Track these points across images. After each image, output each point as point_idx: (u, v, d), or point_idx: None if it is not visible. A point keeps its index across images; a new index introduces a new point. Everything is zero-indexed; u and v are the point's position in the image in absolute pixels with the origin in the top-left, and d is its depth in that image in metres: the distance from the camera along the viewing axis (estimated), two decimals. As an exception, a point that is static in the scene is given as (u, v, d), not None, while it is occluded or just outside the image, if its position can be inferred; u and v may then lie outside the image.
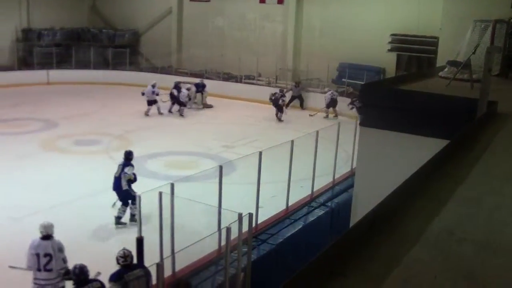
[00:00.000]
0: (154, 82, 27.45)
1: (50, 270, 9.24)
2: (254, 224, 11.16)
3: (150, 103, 27.00)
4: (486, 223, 4.58)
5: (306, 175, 15.02)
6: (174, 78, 31.63)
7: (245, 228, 9.23)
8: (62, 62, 36.22)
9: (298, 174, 14.42)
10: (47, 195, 14.92)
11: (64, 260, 9.34)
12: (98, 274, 8.81)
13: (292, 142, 13.53)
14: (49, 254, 9.21)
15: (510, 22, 14.92)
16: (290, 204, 14.02)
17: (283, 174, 13.96)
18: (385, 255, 3.75)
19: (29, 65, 35.63)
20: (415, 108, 10.96)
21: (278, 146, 13.96)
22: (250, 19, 35.84)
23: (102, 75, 35.46)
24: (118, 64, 37.06)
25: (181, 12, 38.51)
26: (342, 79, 31.09)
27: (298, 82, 31.07)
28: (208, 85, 30.64)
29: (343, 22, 31.68)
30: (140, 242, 9.69)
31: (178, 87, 28.13)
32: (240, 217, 8.99)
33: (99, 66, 37.01)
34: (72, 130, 22.87)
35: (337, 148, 15.98)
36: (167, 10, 38.88)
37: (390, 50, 30.44)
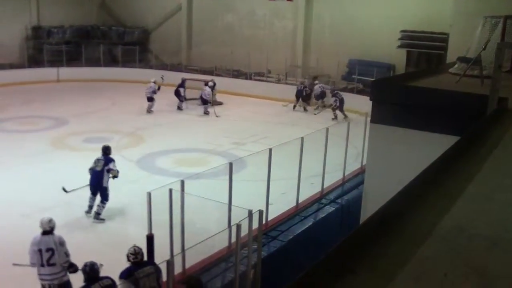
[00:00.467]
0: (154, 79, 27.64)
1: (53, 265, 9.30)
2: (264, 221, 11.15)
3: (149, 100, 27.20)
4: (497, 220, 4.56)
5: (316, 172, 15.00)
6: (184, 75, 31.69)
7: (255, 225, 9.21)
8: (71, 60, 36.39)
9: (308, 171, 14.40)
10: (57, 193, 14.94)
11: (66, 253, 9.40)
12: (101, 266, 8.84)
13: (302, 139, 13.52)
14: (51, 249, 9.27)
15: (521, 18, 14.85)
16: (300, 201, 14.01)
17: (293, 171, 13.95)
18: (395, 252, 3.74)
19: (39, 62, 35.72)
20: (425, 104, 10.94)
21: (288, 143, 13.95)
22: (260, 16, 35.80)
23: (111, 73, 35.54)
24: (127, 61, 37.11)
25: (190, 9, 38.50)
26: (352, 76, 30.98)
27: (315, 77, 30.97)
28: (217, 82, 30.69)
29: (353, 19, 31.60)
30: (150, 239, 9.71)
31: (183, 85, 28.46)
32: (250, 214, 8.97)
33: (109, 63, 37.18)
34: (82, 127, 22.92)
35: (347, 145, 15.96)
36: (177, 7, 38.90)
37: (400, 47, 30.34)
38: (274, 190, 12.89)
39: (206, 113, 27.32)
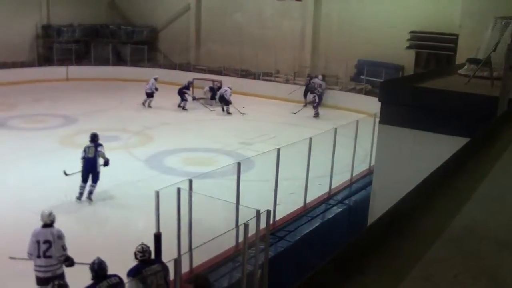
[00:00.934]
0: (156, 76, 28.70)
1: (50, 257, 9.48)
2: (271, 221, 11.16)
3: (149, 95, 28.13)
4: (508, 221, 4.53)
5: (324, 173, 14.98)
6: (193, 75, 31.80)
7: (262, 225, 9.21)
8: (81, 59, 36.53)
9: (316, 171, 14.38)
10: (66, 191, 14.99)
11: (63, 247, 9.55)
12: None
13: (310, 139, 13.50)
14: (48, 241, 9.46)
15: (531, 19, 14.78)
16: (307, 201, 14.00)
17: (301, 171, 13.93)
18: (404, 253, 3.73)
19: (48, 61, 35.87)
20: (434, 106, 10.91)
21: (296, 143, 13.93)
22: (268, 16, 35.73)
23: (120, 72, 35.66)
24: (136, 60, 37.18)
25: (199, 8, 38.52)
26: (361, 76, 30.94)
27: (324, 76, 31.01)
28: (226, 82, 30.77)
29: (362, 19, 31.49)
30: (158, 237, 9.72)
31: (188, 86, 28.73)
32: (258, 214, 8.97)
33: (118, 62, 37.26)
34: (91, 126, 22.83)
35: (355, 145, 15.93)
36: (185, 7, 38.92)
37: (409, 47, 30.26)
38: (281, 190, 12.88)
39: (229, 113, 27.60)
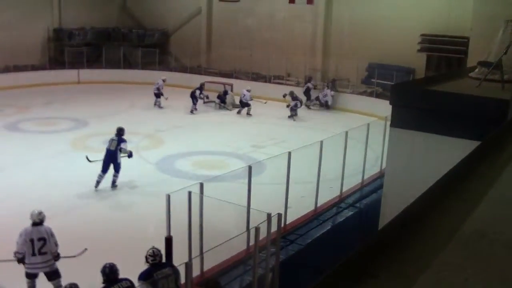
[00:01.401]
0: (164, 77, 29.55)
1: (45, 253, 9.75)
2: (282, 224, 11.17)
3: (157, 96, 28.90)
4: (519, 225, 4.52)
5: (335, 176, 14.98)
6: (204, 78, 31.85)
7: (273, 228, 9.22)
8: (92, 62, 36.60)
9: (327, 174, 14.39)
10: (76, 193, 15.08)
11: (56, 243, 9.87)
12: (85, 250, 9.54)
13: (321, 142, 13.51)
14: (43, 238, 9.71)
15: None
16: (318, 204, 14.00)
17: (312, 175, 13.94)
18: (416, 257, 3.73)
19: (60, 64, 35.97)
20: (446, 109, 10.89)
21: (307, 146, 13.94)
22: (280, 19, 35.72)
23: (131, 75, 35.74)
24: (147, 63, 37.24)
25: (210, 12, 38.59)
26: (372, 80, 30.90)
27: (333, 80, 31.07)
28: (237, 85, 30.86)
29: (373, 22, 31.44)
30: (169, 241, 9.74)
31: (201, 88, 28.79)
32: (269, 217, 8.99)
33: (129, 65, 37.34)
34: (101, 129, 22.97)
35: (366, 149, 15.92)
36: (197, 10, 38.99)
37: (420, 51, 30.18)
38: (293, 194, 12.90)
39: (249, 114, 27.90)
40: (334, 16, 33.83)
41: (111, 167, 15.83)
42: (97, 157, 16.02)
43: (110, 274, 8.23)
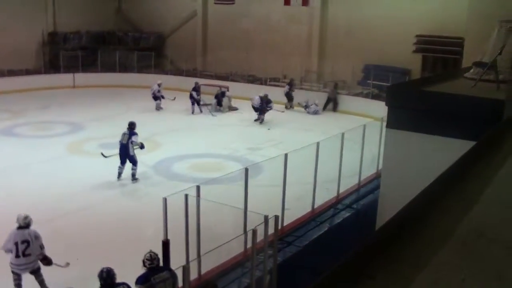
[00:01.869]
0: (160, 81, 29.79)
1: (29, 255, 9.87)
2: (280, 226, 11.15)
3: (155, 99, 29.14)
4: (516, 225, 4.53)
5: (332, 177, 14.98)
6: (200, 81, 31.79)
7: (271, 230, 9.22)
8: (87, 65, 36.58)
9: (324, 176, 14.38)
10: (72, 198, 15.05)
11: (41, 246, 9.97)
12: (67, 264, 9.88)
13: (317, 144, 13.50)
14: (26, 241, 9.82)
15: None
16: (315, 206, 13.99)
17: (309, 176, 13.93)
18: (413, 257, 3.74)
19: (55, 68, 36.00)
20: (441, 109, 10.91)
21: (303, 148, 13.94)
22: (275, 21, 35.75)
23: (127, 78, 35.73)
24: (143, 67, 37.28)
25: (206, 14, 38.64)
26: (367, 81, 30.93)
27: (336, 84, 31.10)
28: (233, 87, 30.87)
29: (368, 24, 31.48)
30: (166, 244, 9.73)
31: (197, 89, 28.91)
32: (266, 219, 8.98)
33: (125, 69, 37.32)
34: (98, 133, 22.98)
35: (362, 150, 15.92)
36: (192, 13, 39.02)
37: (416, 51, 30.25)
38: (290, 195, 12.88)
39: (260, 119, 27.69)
40: (329, 17, 33.88)
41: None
42: (111, 152, 17.25)
43: (107, 278, 8.21)
